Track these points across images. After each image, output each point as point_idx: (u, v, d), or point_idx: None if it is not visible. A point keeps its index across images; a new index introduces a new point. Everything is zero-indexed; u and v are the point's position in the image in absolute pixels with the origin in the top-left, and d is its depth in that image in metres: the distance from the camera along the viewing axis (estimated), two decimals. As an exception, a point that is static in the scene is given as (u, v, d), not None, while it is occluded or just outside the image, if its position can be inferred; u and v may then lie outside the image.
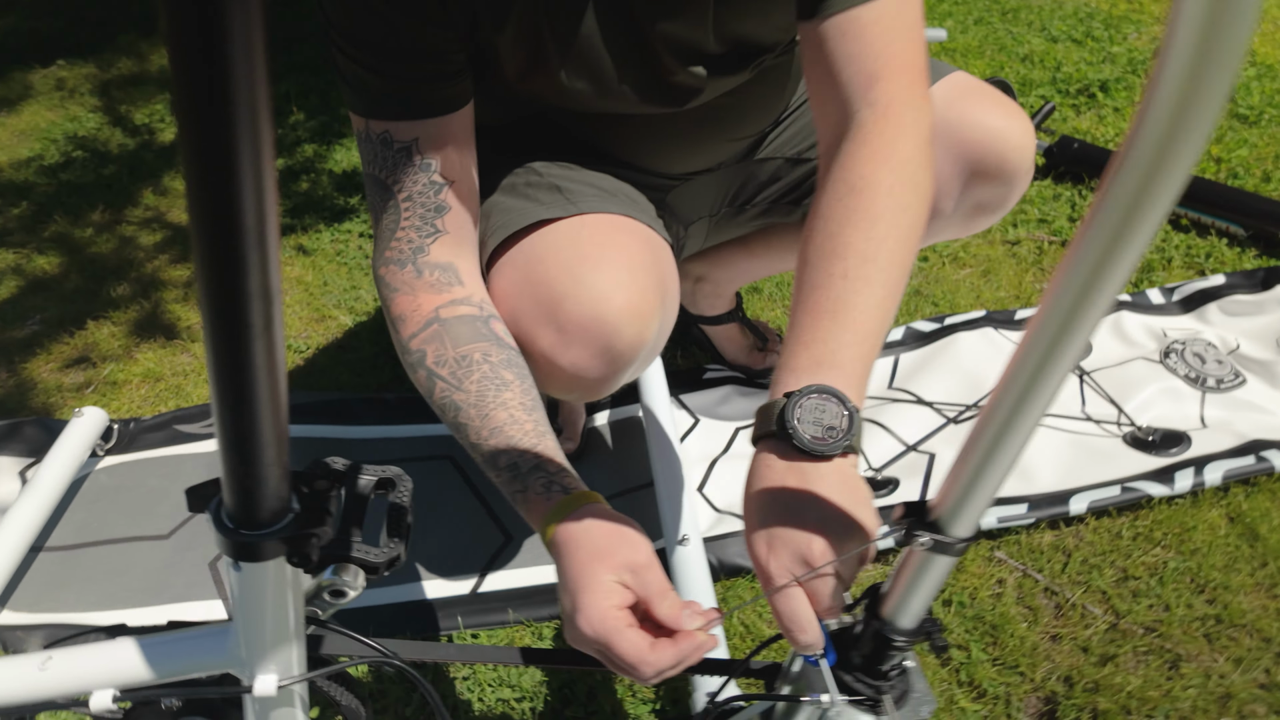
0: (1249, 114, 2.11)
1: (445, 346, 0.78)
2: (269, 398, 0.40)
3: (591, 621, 0.61)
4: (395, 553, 0.66)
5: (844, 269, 0.68)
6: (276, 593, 0.52)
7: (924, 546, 0.56)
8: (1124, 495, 1.16)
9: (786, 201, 1.15)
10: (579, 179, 0.93)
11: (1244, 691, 0.97)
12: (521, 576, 1.18)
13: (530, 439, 0.74)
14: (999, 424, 0.46)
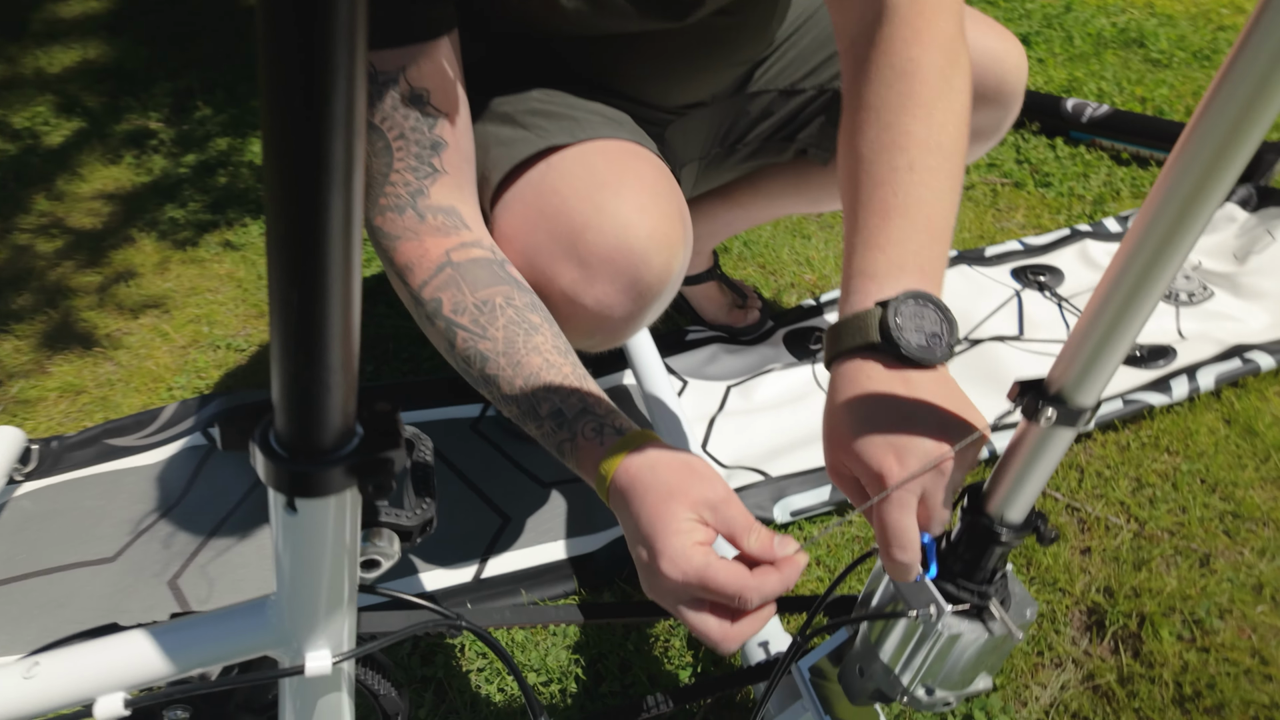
0: (1161, 58, 2.22)
1: (463, 292, 0.69)
2: (341, 278, 0.32)
3: (678, 563, 0.54)
4: (428, 514, 0.58)
5: (908, 161, 0.62)
6: (338, 540, 0.43)
7: (1050, 421, 0.52)
8: (1126, 408, 1.17)
9: (780, 138, 1.11)
10: (581, 107, 0.86)
11: (1274, 579, 0.98)
12: (525, 557, 1.09)
13: (572, 382, 0.66)
14: (1131, 281, 0.44)
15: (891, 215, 0.61)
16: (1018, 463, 0.56)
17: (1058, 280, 1.47)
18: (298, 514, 0.40)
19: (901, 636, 0.64)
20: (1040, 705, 0.87)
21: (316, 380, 0.35)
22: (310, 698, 0.50)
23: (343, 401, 0.37)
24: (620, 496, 0.59)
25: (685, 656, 0.94)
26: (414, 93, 0.71)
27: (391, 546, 0.57)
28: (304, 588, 0.45)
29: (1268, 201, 1.53)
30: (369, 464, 0.39)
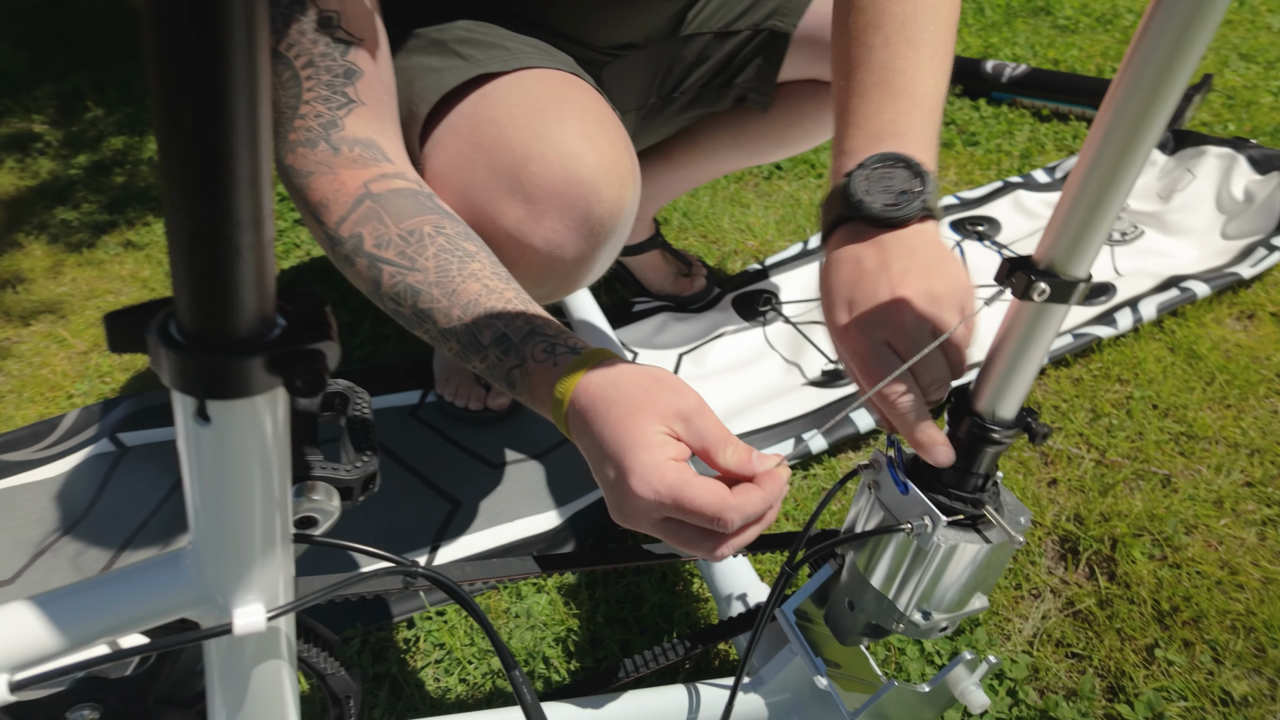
0: (1068, 24, 2.29)
1: (385, 225, 0.62)
2: (248, 117, 0.26)
3: (650, 480, 0.48)
4: (369, 468, 0.52)
5: (883, 37, 0.60)
6: (264, 458, 0.36)
7: (1043, 295, 0.49)
8: (1076, 341, 1.17)
9: (717, 84, 1.07)
10: (513, 38, 0.80)
11: (1231, 492, 0.99)
12: (480, 541, 1.02)
13: (516, 306, 0.60)
14: (1118, 141, 0.43)
15: (869, 91, 0.60)
16: (1008, 350, 0.53)
17: (995, 229, 1.48)
18: (211, 424, 0.33)
19: (894, 558, 0.60)
20: (1024, 637, 0.85)
21: (223, 240, 0.29)
22: (242, 665, 0.43)
23: (256, 273, 0.31)
24: (580, 417, 0.52)
25: (659, 624, 0.89)
26: (322, 15, 0.64)
27: (330, 502, 0.50)
28: (226, 523, 0.38)
29: (1184, 143, 1.58)
30: (295, 356, 0.33)
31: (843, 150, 0.59)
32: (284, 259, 1.49)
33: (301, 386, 0.33)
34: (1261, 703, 0.78)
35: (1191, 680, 0.80)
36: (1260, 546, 0.92)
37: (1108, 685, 0.81)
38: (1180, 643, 0.83)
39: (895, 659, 0.83)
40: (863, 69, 0.60)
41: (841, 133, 0.60)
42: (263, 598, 0.41)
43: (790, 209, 1.62)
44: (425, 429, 1.17)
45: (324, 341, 0.34)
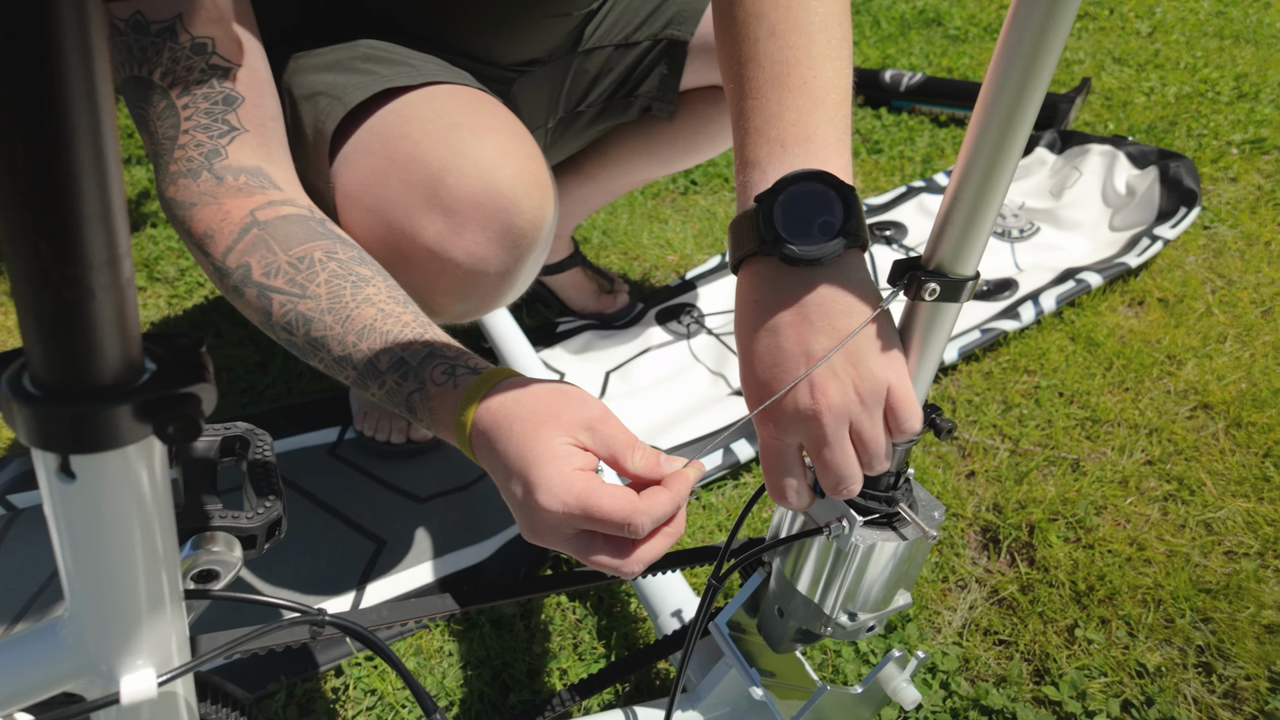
0: (958, 34, 2.41)
1: (274, 252, 0.60)
2: (92, 149, 0.25)
3: (557, 491, 0.47)
4: (273, 514, 0.49)
5: (768, 26, 0.53)
6: (142, 511, 0.33)
7: (933, 294, 0.50)
8: (984, 336, 1.22)
9: (621, 95, 1.08)
10: (417, 56, 0.78)
11: (1135, 471, 1.04)
12: (407, 580, 0.98)
13: (412, 329, 0.58)
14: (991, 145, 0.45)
15: (764, 90, 0.53)
16: (908, 352, 0.54)
17: (903, 233, 1.53)
18: (77, 480, 0.31)
19: (817, 562, 0.60)
20: (953, 628, 0.87)
21: (73, 282, 0.27)
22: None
23: (116, 315, 0.29)
24: (484, 438, 0.51)
25: (597, 648, 0.87)
26: (195, 42, 0.61)
27: (231, 553, 0.48)
28: (105, 586, 0.35)
29: (1070, 143, 1.67)
30: (166, 401, 0.31)
31: (747, 161, 0.53)
32: (186, 299, 1.42)
33: (174, 433, 0.31)
34: (1174, 671, 0.81)
35: (1110, 656, 0.83)
36: (1163, 521, 0.97)
37: (1034, 668, 0.83)
38: (1098, 620, 0.86)
39: (832, 661, 0.84)
40: (752, 65, 0.53)
41: (741, 140, 0.54)
42: (153, 661, 0.38)
43: (707, 222, 1.64)
44: (345, 467, 1.12)
45: (198, 384, 0.32)
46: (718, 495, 1.05)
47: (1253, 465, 1.03)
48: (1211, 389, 1.14)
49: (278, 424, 1.17)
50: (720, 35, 0.58)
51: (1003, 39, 0.43)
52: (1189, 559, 0.92)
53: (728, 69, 0.57)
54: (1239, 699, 0.79)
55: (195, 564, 0.47)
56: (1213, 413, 1.11)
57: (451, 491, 1.09)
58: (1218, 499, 0.99)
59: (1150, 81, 2.05)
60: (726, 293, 1.43)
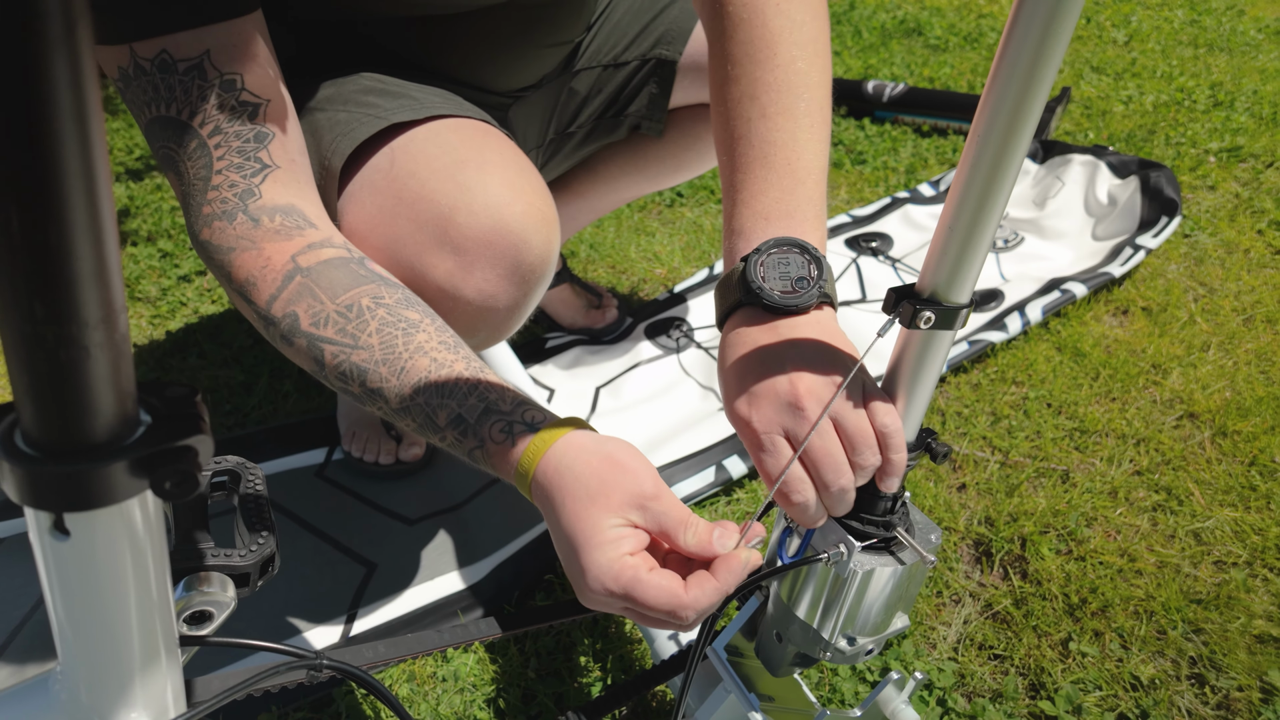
0: (939, 44, 2.43)
1: (320, 301, 0.60)
2: (86, 209, 0.24)
3: (604, 579, 0.48)
4: (265, 551, 0.48)
5: (760, 109, 0.60)
6: (139, 565, 0.33)
7: (928, 323, 0.51)
8: (972, 349, 1.23)
9: (611, 115, 1.08)
10: (416, 88, 0.78)
11: (1124, 482, 1.04)
12: (400, 604, 0.97)
13: (466, 376, 0.58)
14: (984, 176, 0.46)
15: (752, 167, 0.60)
16: (903, 376, 0.55)
17: (888, 245, 1.54)
18: (70, 538, 0.30)
19: (815, 588, 0.60)
20: (948, 644, 0.87)
21: (68, 341, 0.26)
22: (127, 798, 0.39)
23: (111, 373, 0.28)
24: (543, 499, 0.53)
25: (594, 672, 0.87)
26: (225, 79, 0.60)
27: (225, 593, 0.47)
28: (99, 640, 0.34)
29: (1052, 152, 1.69)
30: (162, 456, 0.30)
31: (734, 230, 0.59)
32: (169, 319, 1.40)
33: (171, 489, 0.30)
34: (1168, 683, 0.82)
35: (1104, 669, 0.83)
36: (1153, 532, 0.98)
37: (1029, 683, 0.83)
38: (1091, 633, 0.87)
39: (829, 680, 0.84)
40: (743, 143, 0.60)
41: (730, 210, 0.60)
42: (149, 713, 0.37)
43: (694, 235, 1.64)
44: (333, 489, 1.11)
45: (194, 436, 0.31)
46: (711, 513, 1.05)
47: (1239, 474, 1.04)
48: (1197, 398, 1.16)
49: (264, 445, 1.16)
50: (716, 107, 0.64)
51: (994, 73, 0.44)
52: (1179, 569, 0.93)
53: (720, 139, 0.63)
54: (1232, 710, 0.79)
55: (189, 605, 0.46)
56: (1198, 422, 1.13)
57: (443, 512, 1.08)
58: (1206, 508, 1.00)
59: (1128, 90, 2.08)
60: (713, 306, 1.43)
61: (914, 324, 0.50)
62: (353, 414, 1.16)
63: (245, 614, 0.97)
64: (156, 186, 1.76)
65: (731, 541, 0.51)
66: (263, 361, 1.30)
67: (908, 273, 1.46)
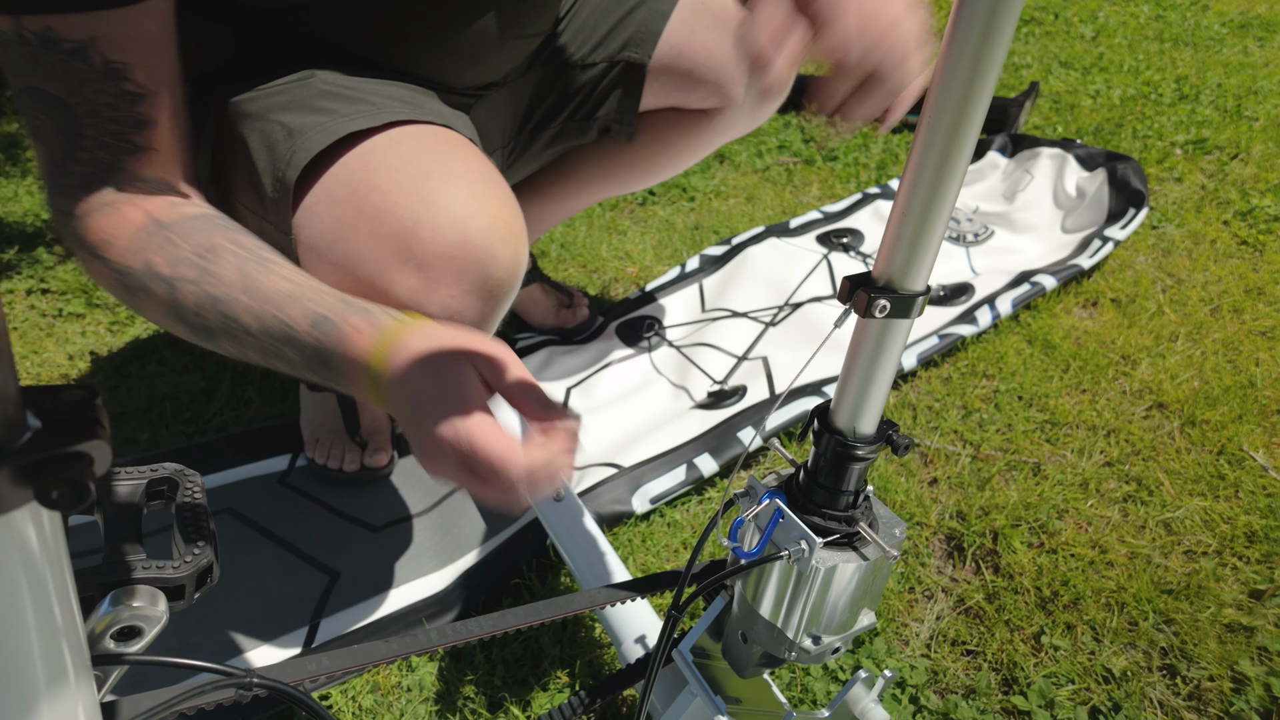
0: (909, 40, 2.44)
1: (178, 246, 0.59)
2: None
3: (453, 424, 0.52)
4: (201, 561, 0.46)
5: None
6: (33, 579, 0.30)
7: (884, 311, 0.49)
8: (942, 342, 1.22)
9: (579, 117, 1.06)
10: (373, 89, 0.75)
11: (1094, 473, 1.04)
12: (363, 612, 0.95)
13: (328, 293, 0.60)
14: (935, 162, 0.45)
15: None
16: (860, 366, 0.53)
17: (859, 240, 1.54)
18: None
19: (778, 586, 0.59)
20: (921, 640, 0.86)
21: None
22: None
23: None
24: (397, 374, 0.55)
25: (561, 678, 0.85)
26: (110, 67, 0.58)
27: (155, 607, 0.44)
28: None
29: (1021, 146, 1.69)
30: (49, 463, 0.28)
31: None
32: (129, 325, 1.37)
33: (59, 499, 0.28)
34: (1139, 675, 0.81)
35: (1076, 662, 0.83)
36: (1124, 523, 0.98)
37: (1002, 678, 0.82)
38: (1063, 626, 0.86)
39: (800, 680, 0.82)
40: None
41: None
42: (57, 740, 0.35)
43: (666, 233, 1.63)
44: (296, 496, 1.09)
45: (89, 441, 0.29)
46: (682, 512, 1.04)
47: (1208, 463, 1.04)
48: (1165, 388, 1.16)
49: (225, 453, 1.13)
50: None
51: (943, 54, 0.43)
52: (1150, 560, 0.92)
53: None
54: (1204, 700, 0.79)
55: (116, 620, 0.44)
56: (1167, 412, 1.13)
57: (408, 519, 1.06)
58: (1175, 498, 1.00)
59: (1096, 84, 2.09)
60: (687, 304, 1.42)
61: (869, 313, 0.49)
62: (316, 420, 1.13)
63: (205, 626, 0.94)
64: (116, 191, 1.72)
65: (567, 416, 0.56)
66: (225, 368, 1.27)
67: (879, 268, 1.46)
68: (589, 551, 0.86)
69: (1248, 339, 1.25)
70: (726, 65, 1.00)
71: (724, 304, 1.40)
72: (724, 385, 1.22)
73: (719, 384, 1.23)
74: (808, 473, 0.58)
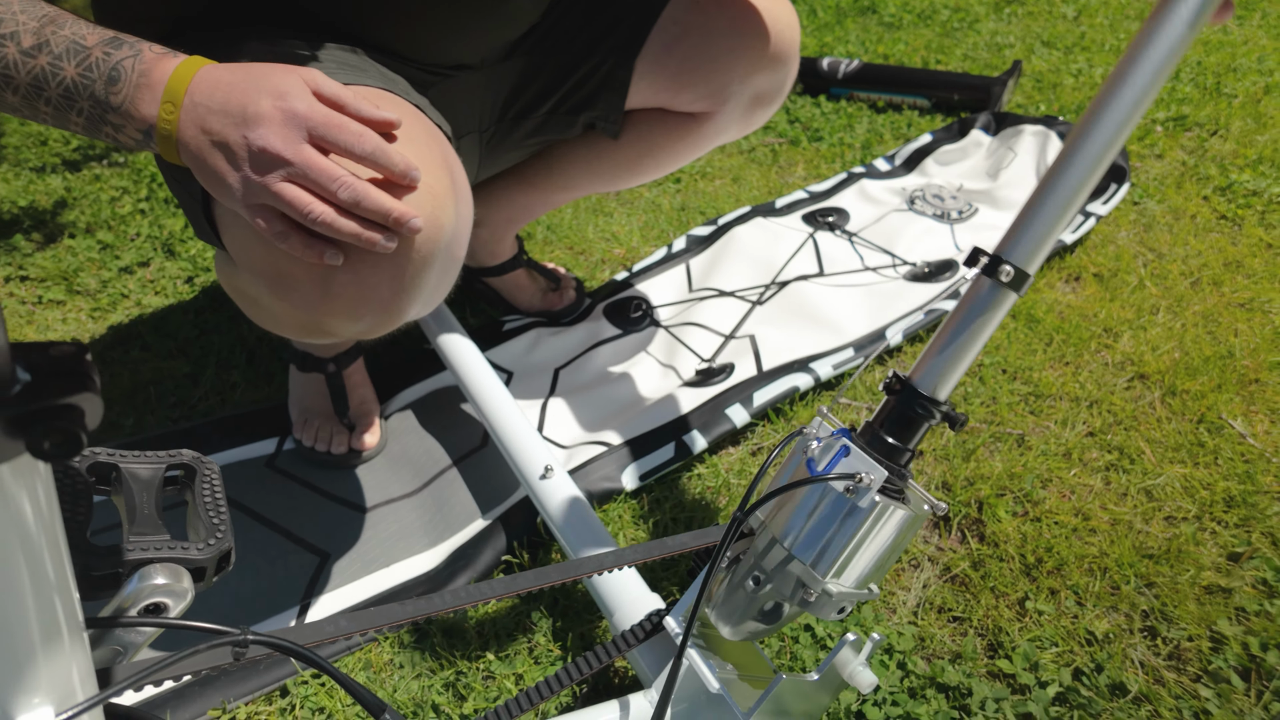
0: (893, 20, 2.44)
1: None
2: None
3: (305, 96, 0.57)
4: (224, 546, 0.47)
5: None
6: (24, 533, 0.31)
7: (1008, 276, 0.57)
8: (927, 318, 1.23)
9: (564, 112, 1.05)
10: (316, 50, 0.75)
11: (1077, 443, 1.06)
12: (353, 592, 0.95)
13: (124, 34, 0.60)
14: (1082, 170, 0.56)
15: None
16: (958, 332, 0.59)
17: (844, 219, 1.54)
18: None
19: (822, 520, 0.59)
20: (909, 608, 0.88)
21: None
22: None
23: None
24: (208, 83, 0.58)
25: (553, 651, 0.85)
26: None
27: (180, 583, 0.45)
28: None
29: (1004, 124, 1.70)
30: (41, 414, 0.28)
31: None
32: (110, 311, 1.36)
33: (51, 449, 0.28)
34: (1121, 637, 0.83)
35: (1060, 626, 0.84)
36: (1106, 491, 0.99)
37: (988, 643, 0.84)
38: (1047, 592, 0.88)
39: (790, 649, 0.83)
40: None
41: None
42: (51, 699, 0.35)
43: (653, 215, 1.63)
44: (284, 479, 1.08)
45: (80, 394, 0.29)
46: (672, 488, 1.04)
47: (1188, 432, 1.06)
48: (1147, 359, 1.17)
49: (212, 437, 1.12)
50: None
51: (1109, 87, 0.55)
52: (1131, 526, 0.94)
53: None
54: (1183, 660, 0.81)
55: (140, 597, 0.44)
56: (1149, 382, 1.14)
57: (396, 500, 1.06)
58: (1156, 466, 1.02)
59: (1078, 63, 2.10)
60: (674, 284, 1.42)
61: (995, 273, 0.57)
62: (304, 402, 1.13)
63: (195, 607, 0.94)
64: (95, 177, 1.70)
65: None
66: (209, 352, 1.26)
67: (865, 246, 1.47)
68: (579, 527, 0.87)
69: (1227, 311, 1.26)
70: (717, 67, 0.99)
71: (711, 283, 1.40)
72: (712, 363, 1.22)
73: (707, 362, 1.23)
74: (871, 425, 0.61)
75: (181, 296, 1.39)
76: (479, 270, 1.33)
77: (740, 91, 1.02)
